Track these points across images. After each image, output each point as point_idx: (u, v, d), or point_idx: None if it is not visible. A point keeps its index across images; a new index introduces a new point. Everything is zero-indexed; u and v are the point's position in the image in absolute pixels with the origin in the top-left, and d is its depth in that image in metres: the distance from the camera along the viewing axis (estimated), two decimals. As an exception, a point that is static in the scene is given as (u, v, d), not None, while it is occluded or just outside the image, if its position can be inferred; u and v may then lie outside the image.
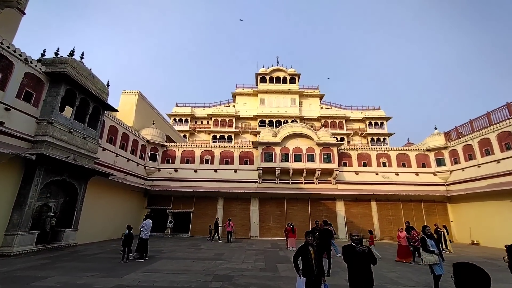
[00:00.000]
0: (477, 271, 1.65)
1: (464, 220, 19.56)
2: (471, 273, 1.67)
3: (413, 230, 11.24)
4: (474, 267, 1.67)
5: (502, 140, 16.85)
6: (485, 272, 1.63)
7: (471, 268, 1.69)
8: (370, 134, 35.86)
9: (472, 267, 1.68)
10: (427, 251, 6.36)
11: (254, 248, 14.22)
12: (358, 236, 4.25)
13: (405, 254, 10.74)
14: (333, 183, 20.93)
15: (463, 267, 1.72)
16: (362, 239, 4.26)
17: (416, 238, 10.68)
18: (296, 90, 36.78)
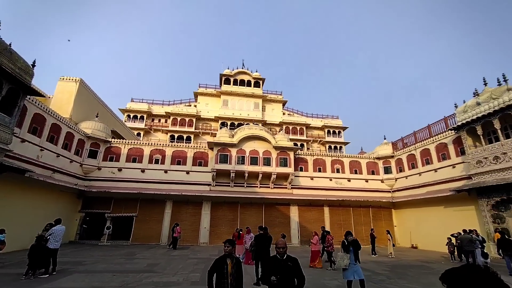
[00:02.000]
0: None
1: (406, 225, 20.78)
2: None
3: (328, 235, 11.22)
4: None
5: (439, 151, 18.29)
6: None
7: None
8: (328, 142, 37.10)
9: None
10: (340, 256, 6.42)
11: (199, 256, 13.10)
12: (284, 249, 3.48)
13: (315, 258, 10.49)
14: (288, 187, 20.75)
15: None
16: (286, 250, 3.51)
17: (330, 243, 10.61)
18: (260, 94, 36.62)
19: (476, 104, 14.85)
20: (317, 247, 10.56)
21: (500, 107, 13.41)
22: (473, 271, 1.00)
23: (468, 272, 1.00)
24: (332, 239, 10.89)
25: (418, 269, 10.75)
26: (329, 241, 10.74)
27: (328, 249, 10.60)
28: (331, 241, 10.76)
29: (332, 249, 10.61)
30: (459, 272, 1.01)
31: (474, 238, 11.37)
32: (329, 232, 11.58)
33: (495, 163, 13.84)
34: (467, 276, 0.96)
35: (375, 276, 9.05)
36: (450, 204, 16.82)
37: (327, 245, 10.71)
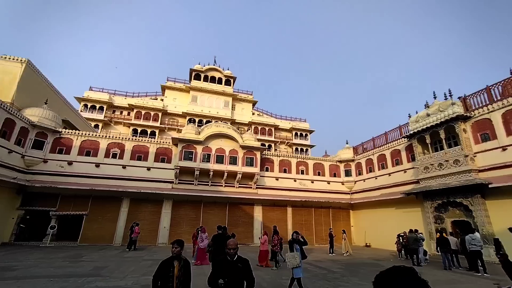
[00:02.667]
0: None
1: (361, 225, 22.07)
2: None
3: (276, 234, 11.17)
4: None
5: (393, 157, 19.74)
6: None
7: None
8: (295, 144, 38.02)
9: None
10: (291, 255, 6.53)
11: (155, 257, 12.38)
12: (235, 249, 3.26)
13: (264, 258, 10.57)
14: (253, 187, 20.75)
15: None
16: (237, 251, 3.30)
17: (275, 243, 10.59)
18: (231, 93, 36.20)
19: (426, 115, 16.28)
20: (265, 247, 10.58)
21: (445, 119, 14.86)
22: (399, 273, 1.00)
23: (393, 275, 0.99)
24: (278, 239, 10.77)
25: (369, 266, 11.39)
26: (274, 241, 10.66)
27: (273, 249, 10.54)
28: (277, 241, 10.64)
29: (277, 249, 10.51)
30: (386, 275, 0.99)
31: (419, 237, 12.41)
32: (277, 232, 11.50)
33: (439, 169, 15.29)
34: (393, 279, 0.97)
35: (330, 274, 9.36)
36: (400, 206, 18.22)
37: (272, 244, 10.65)
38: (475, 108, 14.70)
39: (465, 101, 15.21)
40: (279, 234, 11.73)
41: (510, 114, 12.90)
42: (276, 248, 10.65)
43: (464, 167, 13.94)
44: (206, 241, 10.92)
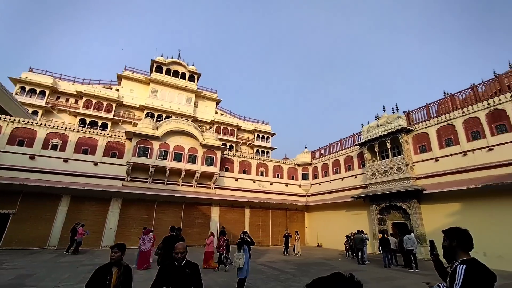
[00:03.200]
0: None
1: (315, 226, 23.14)
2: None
3: (222, 236, 10.80)
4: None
5: (347, 162, 21.14)
6: None
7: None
8: (257, 146, 38.36)
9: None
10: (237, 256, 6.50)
11: (96, 261, 11.17)
12: (183, 253, 2.94)
13: (208, 259, 10.36)
14: (212, 187, 20.28)
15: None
16: (185, 255, 2.99)
17: (221, 244, 10.35)
18: (194, 89, 35.03)
19: (376, 126, 17.78)
20: (211, 248, 10.33)
21: (391, 131, 16.40)
22: (338, 279, 0.99)
23: (333, 280, 0.98)
24: (224, 240, 10.47)
25: (320, 266, 11.91)
26: (220, 243, 10.38)
27: (218, 250, 10.25)
28: (222, 243, 10.36)
29: (223, 250, 10.27)
30: (325, 281, 0.98)
31: (364, 238, 13.40)
32: (225, 233, 11.21)
33: (384, 175, 16.79)
34: (332, 284, 0.96)
35: (283, 275, 9.51)
36: (350, 208, 19.54)
37: (218, 246, 10.36)
38: (416, 122, 16.51)
39: (408, 116, 16.99)
40: (226, 236, 11.10)
41: (442, 129, 14.76)
42: (221, 249, 10.26)
43: (405, 175, 15.52)
44: (148, 243, 10.17)
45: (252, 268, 10.49)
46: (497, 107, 12.62)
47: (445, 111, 15.04)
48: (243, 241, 6.66)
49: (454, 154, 13.91)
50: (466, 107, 13.90)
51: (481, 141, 12.93)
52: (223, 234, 11.03)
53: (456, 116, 14.16)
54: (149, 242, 10.24)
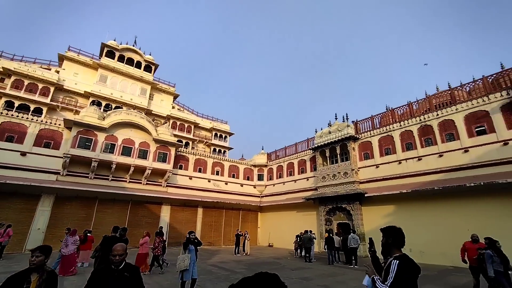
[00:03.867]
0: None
1: (267, 226, 23.65)
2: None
3: (158, 236, 9.99)
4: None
5: (300, 165, 22.14)
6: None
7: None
8: (214, 145, 37.66)
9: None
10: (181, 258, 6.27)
11: (14, 269, 9.54)
12: (122, 256, 2.60)
13: (142, 262, 9.42)
14: (163, 185, 19.21)
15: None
16: (124, 257, 2.64)
17: (156, 245, 9.70)
18: (150, 81, 32.77)
19: (328, 132, 19.03)
20: (144, 249, 9.43)
21: (341, 138, 17.74)
22: (262, 279, 1.03)
23: (257, 280, 1.01)
24: (160, 241, 9.77)
25: (270, 265, 12.17)
26: (155, 244, 9.68)
27: (154, 252, 9.57)
28: (158, 244, 9.67)
29: (159, 252, 9.65)
30: (249, 280, 1.00)
31: (312, 237, 14.15)
32: (162, 234, 10.46)
33: (333, 179, 18.04)
34: (256, 284, 0.98)
35: (233, 275, 9.44)
36: (301, 209, 20.48)
37: (153, 247, 9.67)
38: (362, 132, 18.14)
39: (356, 125, 18.58)
40: (163, 236, 10.39)
41: (383, 139, 16.51)
42: (157, 251, 9.56)
43: (350, 179, 16.91)
44: (72, 246, 9.08)
45: (202, 269, 10.22)
46: (426, 123, 14.63)
47: (386, 123, 16.86)
48: (189, 241, 6.39)
49: (391, 162, 15.67)
50: (403, 121, 15.81)
51: (413, 151, 14.82)
52: (160, 234, 10.23)
53: (395, 128, 15.98)
54: (72, 245, 9.10)
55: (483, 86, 13.33)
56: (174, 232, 18.95)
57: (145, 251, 9.37)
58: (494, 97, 12.37)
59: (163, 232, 10.98)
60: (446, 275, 9.77)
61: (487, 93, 12.79)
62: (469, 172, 12.27)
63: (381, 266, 2.43)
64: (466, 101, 13.46)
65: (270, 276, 1.02)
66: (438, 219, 12.77)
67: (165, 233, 18.54)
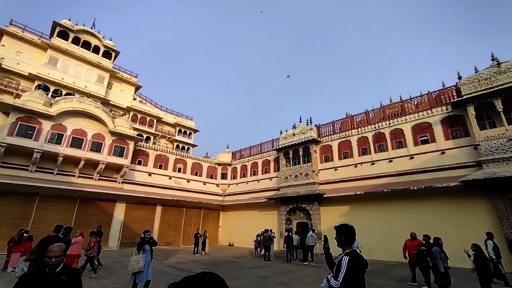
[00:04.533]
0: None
1: (229, 225, 23.50)
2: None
3: (95, 236, 9.13)
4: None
5: (264, 165, 22.43)
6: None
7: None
8: (178, 141, 36.25)
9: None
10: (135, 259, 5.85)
11: None
12: (58, 258, 2.25)
13: (70, 264, 8.28)
14: (119, 181, 17.90)
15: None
16: (62, 260, 2.29)
17: (91, 246, 8.85)
18: (109, 68, 30.25)
19: (292, 134, 19.59)
20: (75, 250, 8.38)
21: (304, 140, 18.41)
22: (203, 278, 1.03)
23: (198, 279, 1.01)
24: (96, 242, 8.91)
25: (229, 264, 12.08)
26: (90, 245, 8.75)
27: (88, 253, 8.64)
28: (93, 244, 8.80)
29: (93, 253, 8.81)
30: (190, 279, 1.01)
31: (272, 236, 14.42)
32: (100, 233, 9.52)
33: (295, 180, 18.62)
34: (197, 283, 0.99)
35: (190, 276, 9.14)
36: (263, 209, 20.76)
37: (86, 248, 8.78)
38: (324, 135, 19.04)
39: (319, 129, 19.44)
40: (101, 236, 9.64)
41: (342, 144, 17.53)
42: (91, 252, 8.67)
43: (311, 180, 17.62)
44: None
45: (157, 270, 9.74)
46: (380, 130, 15.91)
47: (346, 129, 17.95)
48: (144, 241, 6.01)
49: (349, 165, 16.71)
50: (360, 127, 16.98)
51: (368, 156, 16.00)
52: (98, 234, 9.40)
53: (353, 134, 17.09)
54: None
55: (428, 100, 14.95)
56: (128, 232, 17.78)
57: (76, 252, 8.25)
58: (436, 111, 13.96)
59: (102, 232, 10.16)
60: (390, 270, 10.71)
61: (431, 107, 14.39)
62: (414, 177, 13.65)
63: (333, 262, 2.54)
64: (413, 113, 14.97)
65: (213, 276, 1.02)
66: (385, 218, 13.96)
67: (119, 233, 17.38)
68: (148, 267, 5.92)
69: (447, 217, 12.11)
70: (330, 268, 2.53)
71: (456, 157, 12.75)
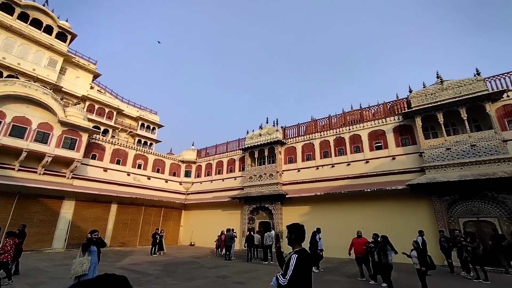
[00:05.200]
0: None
1: (191, 224, 22.88)
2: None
3: (11, 237, 7.87)
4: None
5: (229, 164, 22.30)
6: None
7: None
8: (140, 136, 34.26)
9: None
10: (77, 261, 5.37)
11: None
12: None
13: None
14: (68, 176, 16.31)
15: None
16: None
17: (7, 249, 7.58)
18: (63, 52, 27.39)
19: (259, 135, 19.78)
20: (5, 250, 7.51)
21: (269, 141, 18.71)
22: (101, 280, 1.00)
23: (96, 281, 0.99)
24: (12, 244, 7.67)
25: (188, 265, 11.74)
26: (5, 248, 7.50)
27: (1, 257, 7.37)
28: (10, 247, 7.56)
29: (9, 257, 7.59)
30: (88, 282, 0.98)
31: (233, 235, 14.39)
32: (16, 234, 8.37)
33: (259, 180, 18.81)
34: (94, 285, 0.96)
35: (144, 277, 8.69)
36: (226, 208, 20.61)
37: (1, 251, 7.47)
38: (289, 137, 19.56)
39: (284, 131, 19.91)
40: (23, 238, 8.53)
41: (306, 146, 18.18)
42: (5, 257, 7.43)
43: (274, 180, 17.96)
44: None
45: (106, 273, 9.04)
46: (340, 135, 16.85)
47: (310, 132, 18.65)
48: (91, 242, 5.55)
49: (311, 167, 17.38)
50: (323, 131, 17.79)
51: (329, 159, 16.83)
52: (18, 235, 8.34)
53: (316, 137, 17.83)
54: None
55: (383, 110, 16.24)
56: (77, 232, 16.28)
57: None
58: (390, 120, 15.23)
59: (25, 233, 8.93)
60: (344, 266, 11.38)
61: (385, 116, 15.65)
62: (368, 180, 14.71)
63: (284, 260, 2.59)
64: (370, 120, 16.13)
65: (113, 278, 0.95)
66: (342, 218, 14.81)
67: (66, 233, 15.87)
68: (94, 269, 5.47)
69: (396, 217, 13.27)
70: (281, 266, 2.58)
71: (404, 163, 14.03)
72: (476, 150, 11.85)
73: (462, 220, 11.74)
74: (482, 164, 11.60)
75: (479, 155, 11.72)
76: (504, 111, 12.21)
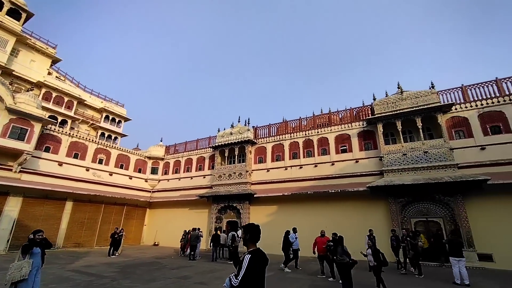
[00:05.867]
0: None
1: (155, 223, 21.97)
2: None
3: None
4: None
5: (199, 162, 21.83)
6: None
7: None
8: (103, 128, 31.98)
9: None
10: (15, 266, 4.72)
11: None
12: None
13: None
14: (15, 170, 14.70)
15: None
16: None
17: None
18: (15, 31, 24.55)
19: (230, 133, 19.63)
20: None
21: (240, 140, 18.68)
22: None
23: None
24: None
25: (148, 266, 11.23)
26: None
27: None
28: None
29: None
30: None
31: (199, 235, 14.10)
32: None
33: (228, 179, 18.67)
34: None
35: (98, 280, 8.13)
36: (194, 207, 20.14)
37: None
38: (260, 137, 19.69)
39: (255, 130, 19.99)
40: None
41: (276, 147, 18.45)
42: None
43: (244, 179, 17.96)
44: None
45: (55, 276, 8.39)
46: (309, 137, 17.36)
47: (280, 133, 18.96)
48: (34, 243, 5.02)
49: (280, 167, 17.67)
50: (293, 133, 18.19)
51: (297, 160, 17.25)
52: None
53: (286, 138, 18.18)
54: None
55: (349, 115, 17.06)
56: (24, 232, 14.71)
57: None
58: (355, 125, 16.05)
59: None
60: (308, 264, 11.72)
61: (351, 121, 16.47)
62: (334, 181, 15.34)
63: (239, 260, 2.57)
64: (337, 124, 16.85)
65: None
66: (308, 218, 15.23)
67: (9, 233, 14.33)
68: (37, 273, 4.96)
69: (357, 217, 14.00)
70: (235, 266, 2.56)
71: (366, 166, 14.89)
72: (428, 156, 12.97)
73: (413, 220, 12.79)
74: (432, 169, 12.74)
75: (430, 161, 12.86)
76: (452, 122, 13.53)
